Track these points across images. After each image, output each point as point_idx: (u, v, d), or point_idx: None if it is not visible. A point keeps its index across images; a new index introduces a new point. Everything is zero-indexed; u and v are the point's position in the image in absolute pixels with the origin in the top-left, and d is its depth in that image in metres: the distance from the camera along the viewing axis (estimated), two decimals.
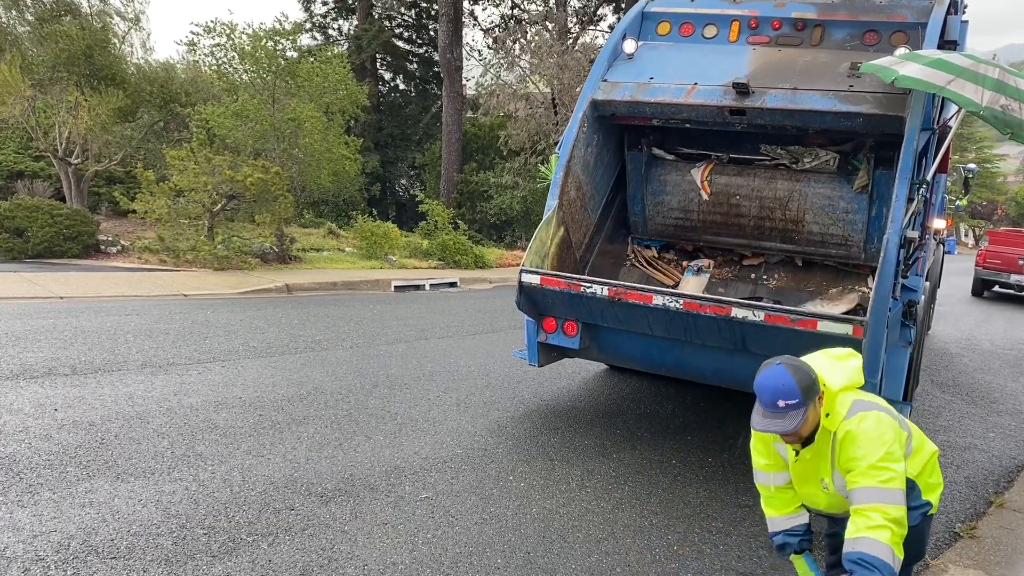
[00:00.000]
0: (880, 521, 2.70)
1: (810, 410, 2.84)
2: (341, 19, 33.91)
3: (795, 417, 2.81)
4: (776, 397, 2.82)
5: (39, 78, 18.72)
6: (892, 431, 2.88)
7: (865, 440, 2.82)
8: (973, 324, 15.13)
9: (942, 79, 4.71)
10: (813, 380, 2.86)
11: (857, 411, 2.91)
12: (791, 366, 2.87)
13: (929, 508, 3.10)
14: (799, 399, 2.80)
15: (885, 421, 2.89)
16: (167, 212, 15.42)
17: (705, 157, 7.06)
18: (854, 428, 2.86)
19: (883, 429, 2.85)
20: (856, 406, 2.93)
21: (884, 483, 2.77)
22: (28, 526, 4.03)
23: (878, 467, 2.78)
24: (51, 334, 8.36)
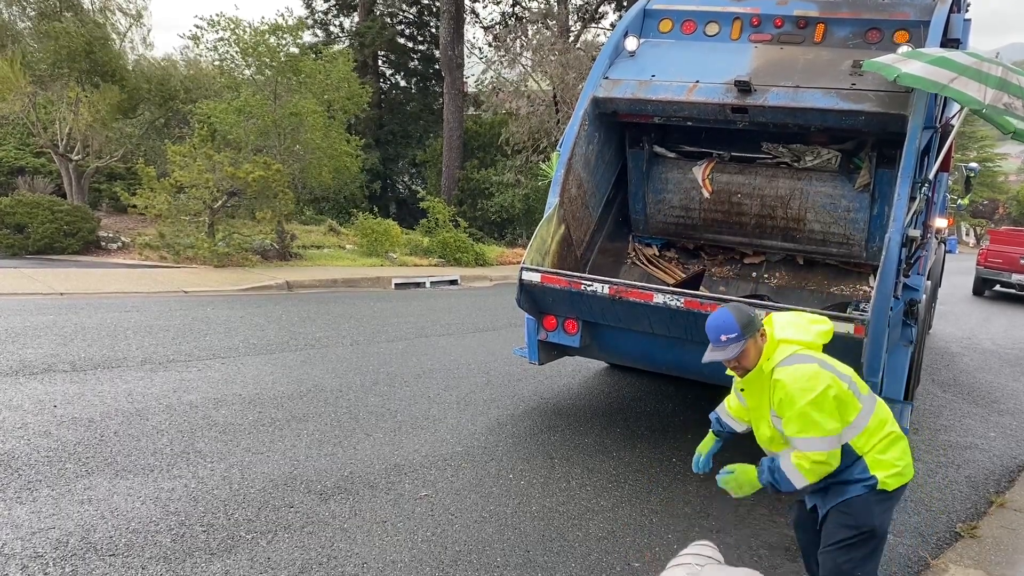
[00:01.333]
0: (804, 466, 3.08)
1: (749, 343, 3.21)
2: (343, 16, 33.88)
3: (735, 348, 3.20)
4: (719, 333, 3.22)
5: (39, 74, 18.70)
6: (824, 386, 3.05)
7: (792, 387, 3.07)
8: (974, 323, 15.12)
9: (945, 77, 4.69)
10: (752, 318, 3.23)
11: (793, 361, 3.15)
12: (733, 307, 3.31)
13: (874, 482, 3.15)
14: (737, 332, 3.18)
15: (820, 376, 3.08)
16: (168, 208, 15.39)
17: (707, 155, 7.04)
18: (784, 376, 3.11)
19: (813, 382, 3.06)
20: (794, 357, 3.17)
21: (803, 432, 3.07)
22: (27, 523, 4.02)
23: (799, 415, 3.06)
24: (51, 330, 8.36)
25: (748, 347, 3.21)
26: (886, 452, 3.19)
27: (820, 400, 3.04)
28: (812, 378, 3.07)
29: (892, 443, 3.22)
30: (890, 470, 3.16)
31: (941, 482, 5.81)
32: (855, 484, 3.17)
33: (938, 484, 5.76)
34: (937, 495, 5.52)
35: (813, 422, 3.04)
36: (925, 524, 4.99)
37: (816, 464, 3.08)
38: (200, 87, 21.38)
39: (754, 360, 3.25)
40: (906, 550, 4.58)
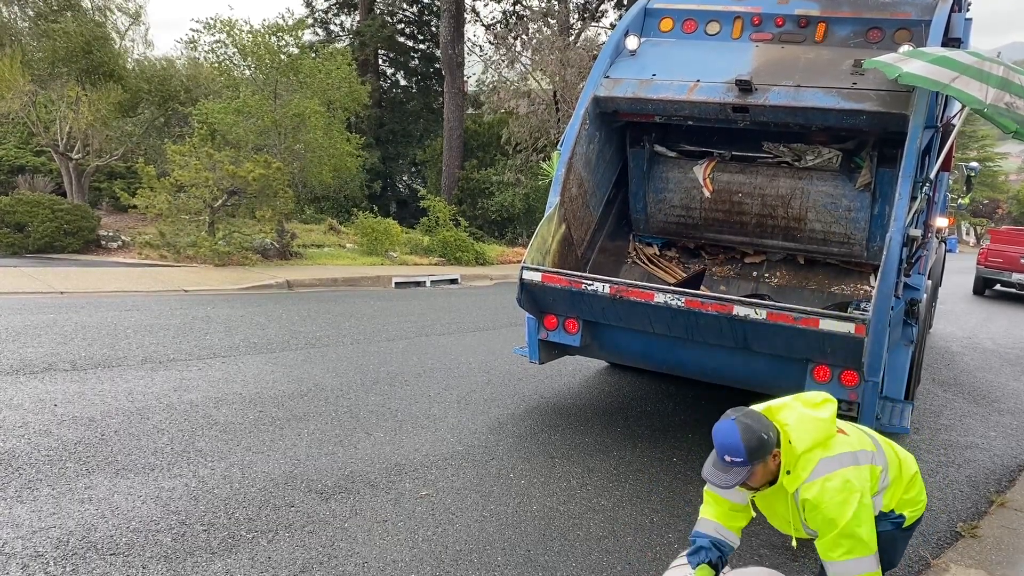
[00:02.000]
0: None
1: (758, 468, 2.90)
2: (343, 14, 33.89)
3: (738, 474, 2.89)
4: (723, 452, 2.90)
5: (39, 73, 18.70)
6: (859, 487, 2.88)
7: (830, 506, 2.85)
8: (975, 323, 15.12)
9: (946, 76, 4.69)
10: (763, 441, 2.87)
11: (821, 473, 2.90)
12: (742, 424, 2.89)
13: (903, 520, 3.13)
14: (743, 459, 2.85)
15: (851, 480, 2.88)
16: (168, 207, 15.40)
17: (707, 154, 7.04)
18: (815, 495, 2.87)
19: (848, 493, 2.85)
20: (820, 467, 2.91)
21: (847, 556, 2.85)
22: (27, 522, 4.02)
23: (844, 536, 2.84)
24: (51, 329, 8.36)
25: (757, 471, 2.92)
26: (909, 491, 3.16)
27: (860, 514, 2.85)
28: (846, 493, 2.86)
29: (914, 482, 3.18)
30: (916, 506, 3.17)
31: (942, 481, 5.81)
32: (881, 521, 3.07)
33: (939, 483, 5.75)
34: (938, 494, 5.51)
35: (860, 541, 2.85)
36: (926, 523, 4.96)
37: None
38: (200, 87, 21.38)
39: (762, 479, 2.99)
40: (907, 549, 4.57)
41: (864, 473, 2.96)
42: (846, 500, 2.84)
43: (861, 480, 2.92)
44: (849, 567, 2.86)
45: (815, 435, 2.97)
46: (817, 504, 2.86)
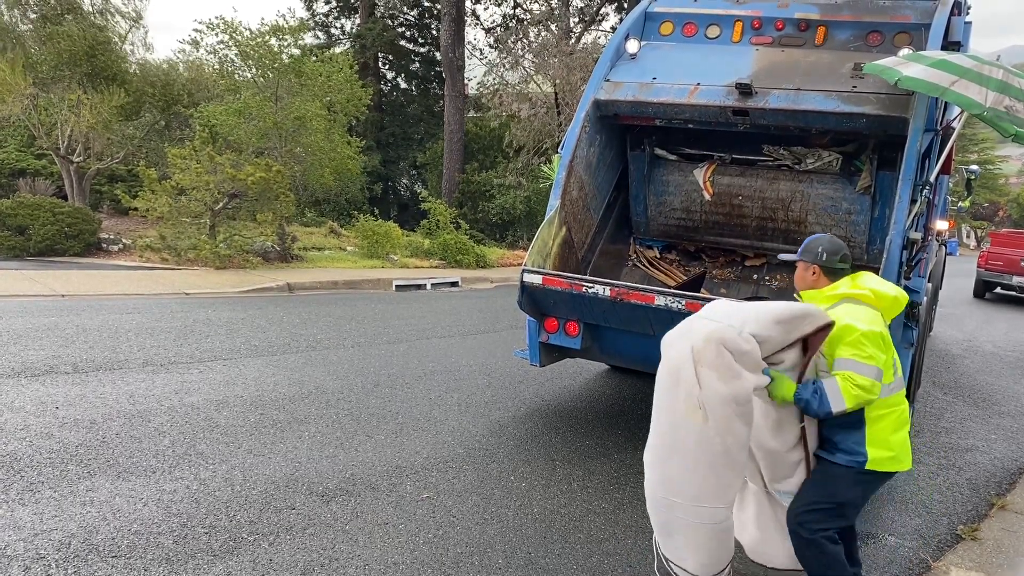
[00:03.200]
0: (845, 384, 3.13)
1: (800, 265, 3.62)
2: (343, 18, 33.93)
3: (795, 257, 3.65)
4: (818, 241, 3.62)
5: (41, 76, 18.73)
6: (881, 328, 3.24)
7: (852, 322, 3.21)
8: (975, 326, 15.11)
9: (946, 80, 4.70)
10: (816, 251, 3.54)
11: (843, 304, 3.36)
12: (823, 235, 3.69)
13: (863, 460, 3.24)
14: (800, 252, 3.62)
15: (878, 320, 3.27)
16: (169, 210, 15.41)
17: (708, 157, 7.05)
18: (842, 313, 3.28)
19: (875, 320, 3.25)
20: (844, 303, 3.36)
21: (856, 356, 3.16)
22: (29, 524, 4.03)
23: (857, 342, 3.17)
24: (52, 332, 8.37)
25: (799, 267, 3.60)
26: (892, 433, 3.29)
27: (876, 336, 3.18)
28: (868, 313, 3.27)
29: (901, 426, 3.31)
30: (887, 451, 3.26)
31: (942, 484, 5.81)
32: (843, 453, 3.29)
33: (939, 486, 5.76)
34: (938, 497, 5.52)
35: (868, 352, 3.15)
36: (926, 526, 4.99)
37: (860, 389, 3.12)
38: (201, 90, 21.41)
39: (800, 284, 3.63)
40: (907, 552, 4.58)
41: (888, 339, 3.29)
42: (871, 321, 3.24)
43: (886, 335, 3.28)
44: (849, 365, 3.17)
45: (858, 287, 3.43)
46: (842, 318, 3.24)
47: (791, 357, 3.28)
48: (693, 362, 3.12)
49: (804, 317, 3.21)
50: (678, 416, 3.19)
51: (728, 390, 3.05)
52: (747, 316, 3.23)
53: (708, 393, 3.06)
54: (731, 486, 3.23)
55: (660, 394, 3.34)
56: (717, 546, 3.26)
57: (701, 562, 3.26)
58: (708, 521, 3.20)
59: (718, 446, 3.09)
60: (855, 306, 3.32)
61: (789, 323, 3.20)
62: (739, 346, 3.10)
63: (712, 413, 3.06)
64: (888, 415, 3.29)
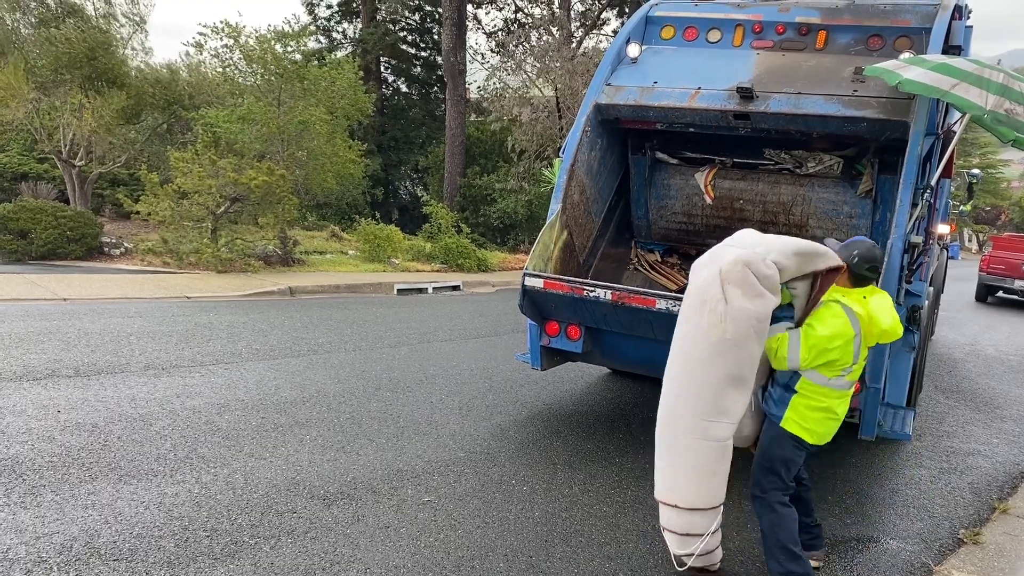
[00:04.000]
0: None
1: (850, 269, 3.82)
2: (345, 22, 34.00)
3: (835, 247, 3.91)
4: (858, 244, 3.88)
5: (43, 80, 18.77)
6: (842, 327, 3.63)
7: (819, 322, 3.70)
8: (977, 330, 15.10)
9: (946, 83, 4.71)
10: (853, 251, 3.79)
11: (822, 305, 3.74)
12: (868, 241, 3.93)
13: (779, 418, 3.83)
14: (841, 246, 3.87)
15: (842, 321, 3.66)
16: (170, 214, 15.44)
17: (709, 161, 7.06)
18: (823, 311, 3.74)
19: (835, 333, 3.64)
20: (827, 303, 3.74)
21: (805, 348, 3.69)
22: (31, 528, 4.03)
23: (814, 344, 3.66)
24: (54, 336, 8.38)
25: (845, 270, 3.83)
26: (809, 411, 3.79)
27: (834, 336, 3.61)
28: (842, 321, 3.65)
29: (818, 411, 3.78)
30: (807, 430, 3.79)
31: (944, 488, 5.80)
32: (775, 406, 3.88)
33: (941, 490, 5.75)
34: (940, 501, 5.52)
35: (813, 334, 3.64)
36: (928, 530, 4.99)
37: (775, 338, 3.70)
38: (203, 93, 21.45)
39: (837, 278, 3.83)
40: (909, 556, 4.57)
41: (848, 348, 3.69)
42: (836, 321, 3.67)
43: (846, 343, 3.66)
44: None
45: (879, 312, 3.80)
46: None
47: (802, 288, 3.80)
48: (721, 281, 3.58)
49: (818, 255, 3.69)
50: (700, 331, 3.68)
51: (752, 307, 3.54)
52: (771, 245, 3.72)
53: (733, 307, 3.55)
54: (738, 402, 3.73)
55: (685, 313, 3.86)
56: (713, 472, 3.81)
57: (695, 492, 3.79)
58: (713, 437, 3.75)
59: (733, 360, 3.61)
60: (838, 312, 3.68)
61: (805, 257, 3.68)
62: (762, 270, 3.56)
63: (734, 326, 3.56)
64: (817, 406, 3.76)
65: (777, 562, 3.81)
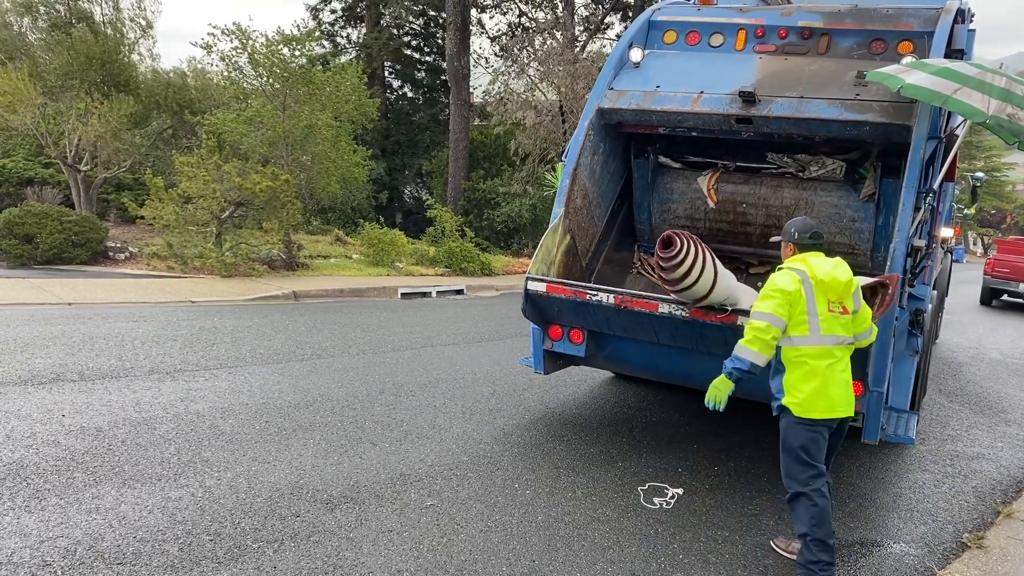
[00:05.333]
0: (745, 332, 4.08)
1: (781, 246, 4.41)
2: (349, 27, 34.11)
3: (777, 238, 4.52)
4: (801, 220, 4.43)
5: (50, 85, 18.87)
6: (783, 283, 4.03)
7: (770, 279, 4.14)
8: (981, 333, 15.06)
9: (948, 88, 4.71)
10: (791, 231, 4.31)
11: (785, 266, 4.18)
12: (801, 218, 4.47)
13: (779, 402, 4.13)
14: (798, 230, 4.33)
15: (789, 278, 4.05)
16: (175, 218, 15.49)
17: (711, 165, 7.06)
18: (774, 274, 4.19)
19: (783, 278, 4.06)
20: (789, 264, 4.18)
21: (756, 305, 4.12)
22: (35, 531, 4.05)
23: (762, 294, 4.12)
24: (59, 340, 8.41)
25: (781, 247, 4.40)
26: (801, 382, 4.04)
27: (777, 290, 4.01)
28: (784, 275, 4.07)
29: (809, 378, 4.03)
30: (794, 397, 4.05)
31: (948, 492, 5.79)
32: (775, 398, 4.17)
33: (945, 494, 5.74)
34: (944, 505, 5.50)
35: (765, 296, 4.05)
36: (932, 534, 4.98)
37: (755, 330, 3.99)
38: (208, 98, 21.53)
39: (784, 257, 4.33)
40: (913, 560, 4.56)
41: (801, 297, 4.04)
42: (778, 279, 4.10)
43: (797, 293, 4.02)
44: (751, 316, 4.12)
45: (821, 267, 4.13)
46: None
47: None
48: None
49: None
50: None
51: None
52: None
53: None
54: None
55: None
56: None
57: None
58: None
59: None
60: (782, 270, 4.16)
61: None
62: None
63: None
64: (799, 366, 4.04)
65: (810, 551, 3.96)
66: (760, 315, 4.02)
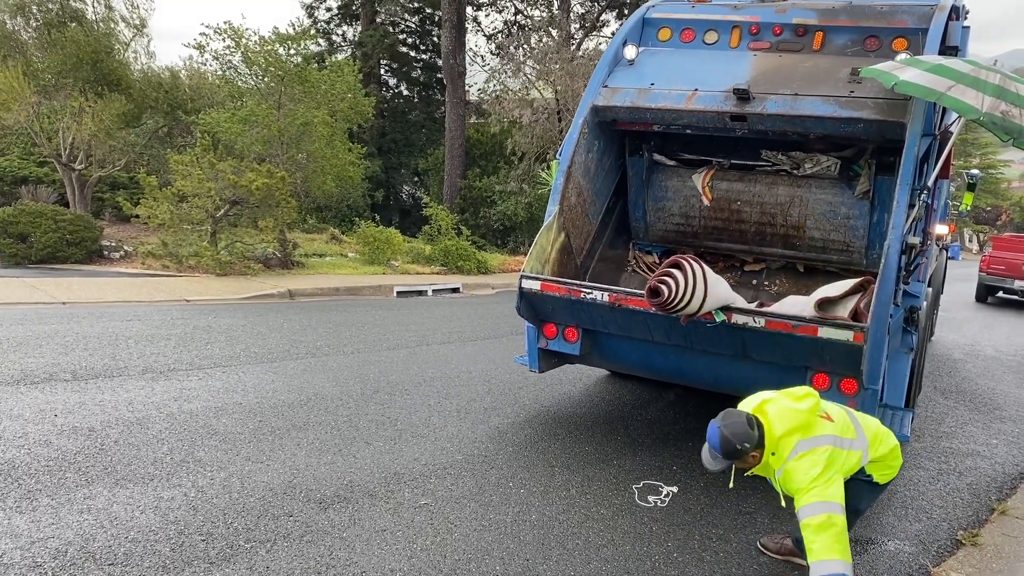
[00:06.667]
0: (820, 542, 3.41)
1: (738, 462, 3.63)
2: (345, 25, 34.06)
3: (721, 466, 3.66)
4: (711, 447, 3.65)
5: (44, 84, 18.80)
6: (824, 462, 3.52)
7: (798, 473, 3.53)
8: (976, 330, 15.09)
9: (942, 85, 4.70)
10: (737, 450, 3.54)
11: (799, 451, 3.57)
12: (723, 435, 3.58)
13: (871, 478, 3.91)
14: (720, 456, 3.61)
15: (819, 456, 3.54)
16: (170, 217, 15.44)
17: (706, 163, 7.05)
18: (791, 466, 3.56)
19: (814, 462, 3.52)
20: (799, 447, 3.57)
21: (807, 500, 3.48)
22: (26, 532, 4.03)
23: (805, 490, 3.50)
24: (52, 339, 8.38)
25: (741, 463, 3.64)
26: (883, 461, 3.88)
27: (823, 476, 3.49)
28: (815, 465, 3.51)
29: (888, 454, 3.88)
30: (884, 471, 3.91)
31: (943, 489, 5.79)
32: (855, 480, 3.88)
33: (940, 491, 5.74)
34: (939, 502, 5.50)
35: (821, 491, 3.47)
36: (926, 532, 4.97)
37: (823, 529, 3.41)
38: (202, 97, 21.47)
39: (750, 466, 3.68)
40: (907, 558, 4.56)
41: (843, 456, 3.62)
42: (816, 465, 3.50)
43: (837, 458, 3.58)
44: (811, 508, 3.46)
45: (792, 423, 3.61)
46: (790, 473, 3.55)
47: None
48: None
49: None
50: None
51: None
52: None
53: None
54: None
55: None
56: None
57: None
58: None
59: None
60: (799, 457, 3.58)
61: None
62: None
63: None
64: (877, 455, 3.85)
65: None
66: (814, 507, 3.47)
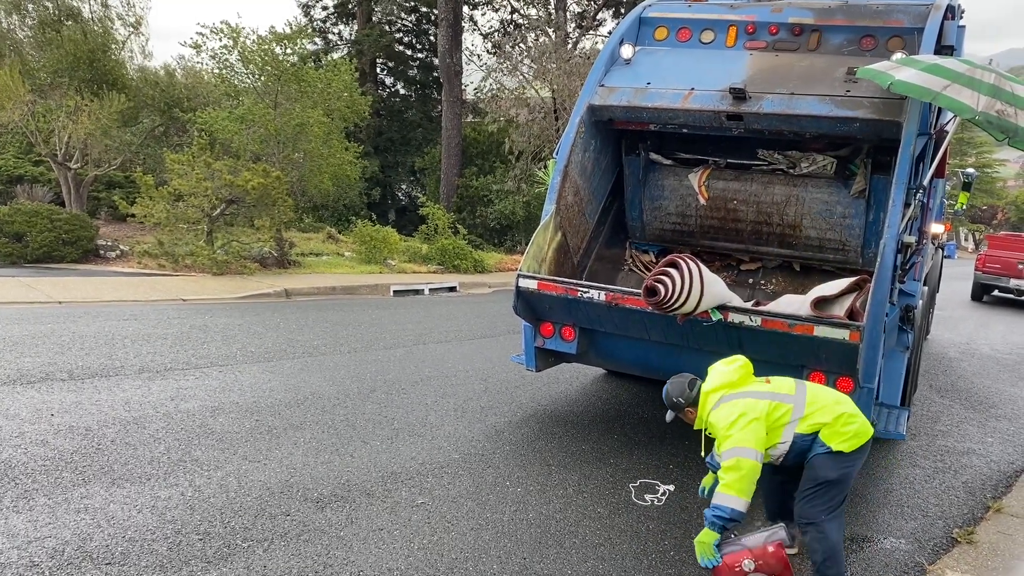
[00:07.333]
0: (725, 479, 3.76)
1: (682, 416, 4.19)
2: (341, 24, 33.99)
3: (669, 416, 4.28)
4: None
5: (40, 83, 18.75)
6: (739, 411, 3.83)
7: (718, 423, 3.88)
8: (972, 329, 15.12)
9: (938, 84, 4.71)
10: (675, 402, 4.13)
11: (718, 404, 3.94)
12: (668, 384, 4.21)
13: (830, 448, 3.86)
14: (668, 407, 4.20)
15: (735, 406, 3.86)
16: (166, 216, 15.42)
17: (702, 162, 7.06)
18: (713, 417, 3.94)
19: (730, 412, 3.84)
20: (720, 401, 3.95)
21: (725, 447, 3.80)
22: (23, 532, 4.02)
23: (724, 437, 3.83)
24: (49, 339, 8.36)
25: (681, 416, 4.19)
26: (836, 427, 3.88)
27: (739, 421, 3.78)
28: (733, 414, 3.83)
29: (839, 419, 3.90)
30: (843, 439, 3.85)
31: (938, 487, 5.81)
32: (816, 454, 3.91)
33: (935, 489, 5.76)
34: (934, 501, 5.52)
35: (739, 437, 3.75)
36: (922, 530, 4.99)
37: (730, 470, 3.72)
38: (198, 96, 21.44)
39: (692, 419, 4.14)
40: (903, 556, 4.58)
41: (761, 405, 3.86)
42: (731, 414, 3.82)
43: (752, 408, 3.84)
44: (727, 452, 3.75)
45: (718, 382, 4.05)
46: (713, 425, 3.93)
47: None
48: None
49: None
50: None
51: None
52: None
53: None
54: None
55: None
56: None
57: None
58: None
59: None
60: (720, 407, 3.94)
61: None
62: None
63: None
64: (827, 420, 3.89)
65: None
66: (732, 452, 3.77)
